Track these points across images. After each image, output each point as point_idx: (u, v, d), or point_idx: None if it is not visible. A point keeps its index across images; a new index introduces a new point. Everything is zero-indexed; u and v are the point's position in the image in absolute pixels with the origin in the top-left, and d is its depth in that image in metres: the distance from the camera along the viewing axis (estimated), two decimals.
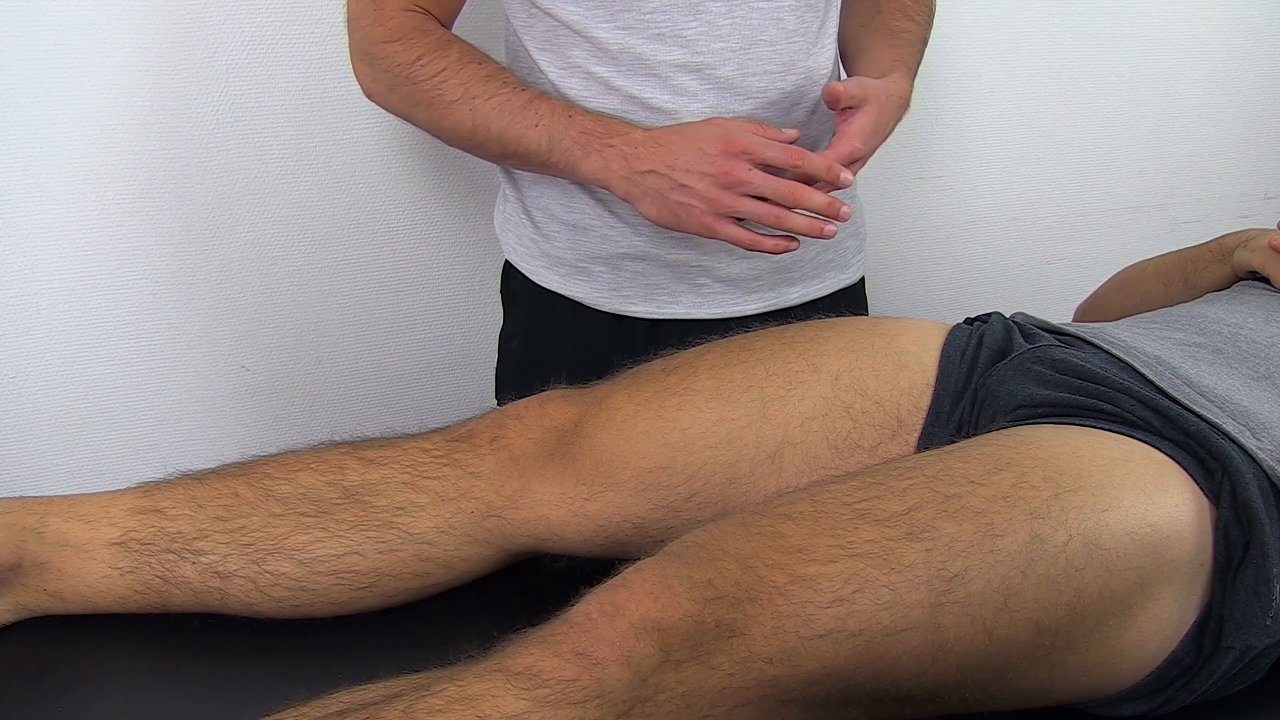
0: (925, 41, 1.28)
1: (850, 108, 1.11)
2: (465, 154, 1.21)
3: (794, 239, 1.09)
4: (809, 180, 1.06)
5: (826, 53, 1.20)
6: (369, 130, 1.44)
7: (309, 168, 1.44)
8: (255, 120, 1.40)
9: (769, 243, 1.08)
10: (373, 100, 1.20)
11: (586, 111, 1.13)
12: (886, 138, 1.15)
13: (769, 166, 1.06)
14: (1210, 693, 0.90)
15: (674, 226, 1.10)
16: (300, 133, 1.42)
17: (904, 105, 1.17)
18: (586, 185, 1.18)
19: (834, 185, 1.07)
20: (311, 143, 1.43)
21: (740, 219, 1.08)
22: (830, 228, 1.08)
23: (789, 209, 1.06)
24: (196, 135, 1.39)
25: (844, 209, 1.07)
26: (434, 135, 1.19)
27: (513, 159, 1.16)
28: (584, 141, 1.11)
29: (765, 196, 1.06)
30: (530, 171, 1.20)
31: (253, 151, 1.41)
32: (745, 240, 1.08)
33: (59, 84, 1.33)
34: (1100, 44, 1.70)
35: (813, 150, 1.10)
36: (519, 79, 1.16)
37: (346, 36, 1.18)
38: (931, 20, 1.30)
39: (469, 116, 1.13)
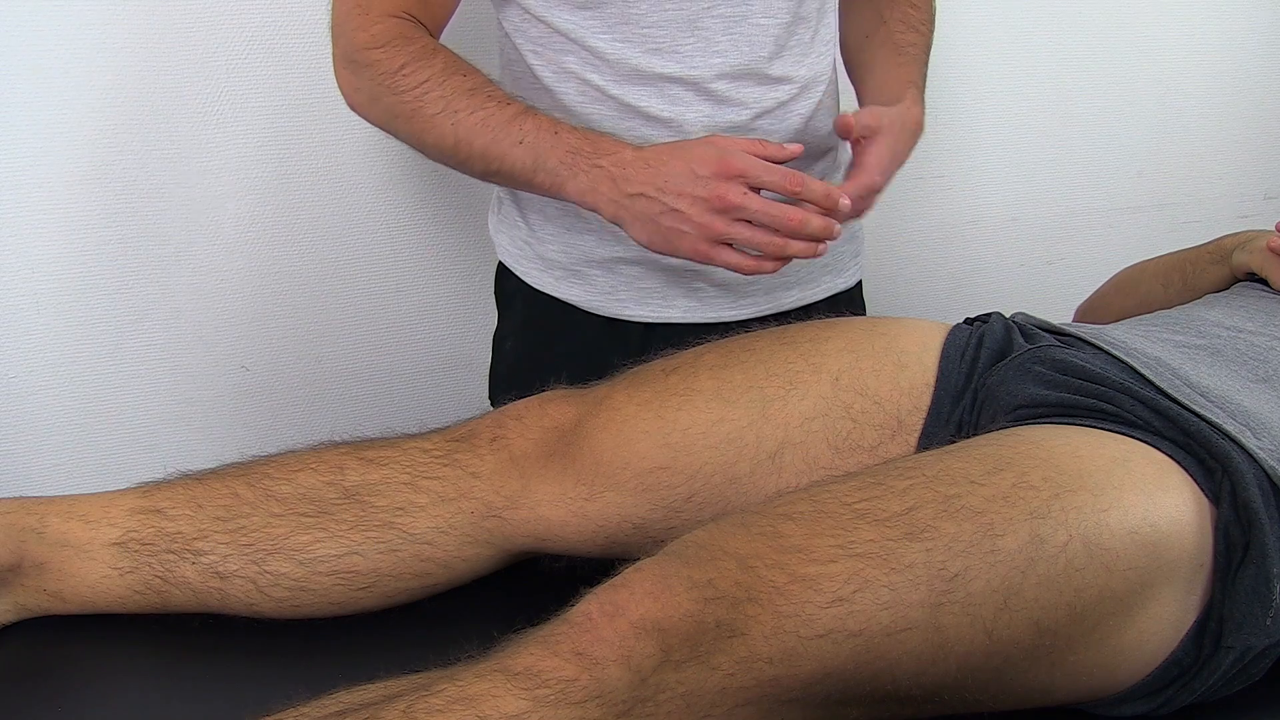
0: (929, 50, 1.26)
1: (863, 137, 1.08)
2: None
3: (787, 257, 1.05)
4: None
5: (822, 62, 1.19)
6: (368, 130, 1.42)
7: (308, 167, 1.44)
8: (255, 120, 1.40)
9: (768, 265, 1.05)
10: (355, 112, 1.16)
11: (575, 128, 1.08)
12: (902, 165, 1.13)
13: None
14: (1210, 693, 0.90)
15: (665, 251, 1.06)
16: (299, 132, 1.42)
17: (918, 132, 1.15)
18: None
19: (831, 211, 1.04)
20: (310, 142, 1.43)
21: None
22: (823, 246, 1.04)
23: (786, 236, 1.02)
24: (196, 135, 1.39)
25: (836, 228, 1.04)
26: (418, 151, 1.14)
27: (496, 177, 1.11)
28: (570, 161, 1.06)
29: (761, 222, 1.02)
30: (516, 190, 1.17)
31: (252, 151, 1.41)
32: (746, 267, 1.04)
33: (59, 84, 1.33)
34: (1100, 44, 1.70)
35: (809, 159, 1.09)
36: (506, 94, 1.10)
37: (330, 44, 1.15)
38: (933, 24, 1.29)
39: (451, 131, 1.08)
